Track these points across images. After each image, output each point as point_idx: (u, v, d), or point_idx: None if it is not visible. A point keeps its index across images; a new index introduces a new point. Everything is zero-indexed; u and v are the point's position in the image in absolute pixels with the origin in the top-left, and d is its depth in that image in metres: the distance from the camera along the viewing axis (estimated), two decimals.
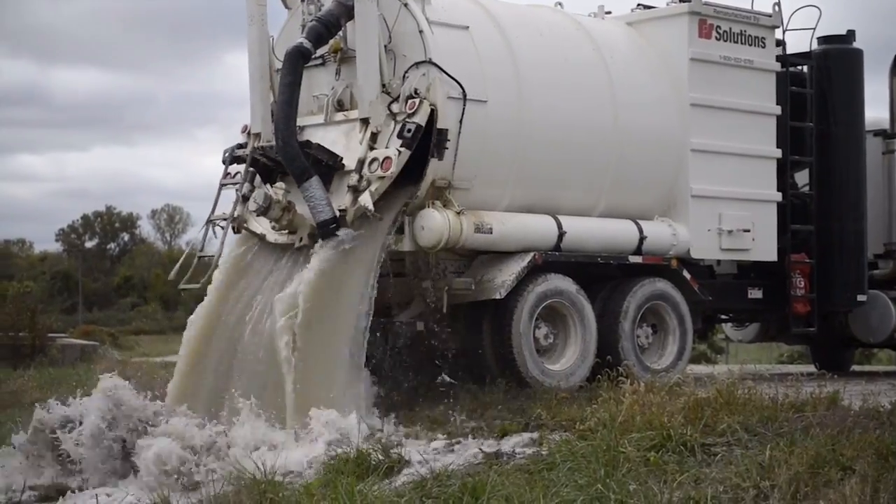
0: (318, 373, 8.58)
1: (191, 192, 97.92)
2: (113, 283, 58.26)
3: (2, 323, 23.95)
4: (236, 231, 9.59)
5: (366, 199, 8.77)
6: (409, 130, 8.87)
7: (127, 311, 51.00)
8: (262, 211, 9.00)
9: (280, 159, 9.14)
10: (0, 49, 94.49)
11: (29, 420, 11.13)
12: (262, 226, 9.37)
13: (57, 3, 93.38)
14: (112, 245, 69.01)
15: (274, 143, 9.13)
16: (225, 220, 9.56)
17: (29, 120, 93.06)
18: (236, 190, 9.60)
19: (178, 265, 9.63)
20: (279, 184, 9.18)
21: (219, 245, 9.60)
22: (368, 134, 8.99)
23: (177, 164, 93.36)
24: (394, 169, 8.78)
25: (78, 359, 21.81)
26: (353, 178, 8.90)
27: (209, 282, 9.39)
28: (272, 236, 9.32)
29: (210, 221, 9.68)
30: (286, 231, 9.16)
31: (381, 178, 8.80)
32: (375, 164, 8.87)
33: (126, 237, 69.24)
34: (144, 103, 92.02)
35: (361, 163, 8.93)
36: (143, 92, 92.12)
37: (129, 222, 69.03)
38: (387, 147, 8.92)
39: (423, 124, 8.92)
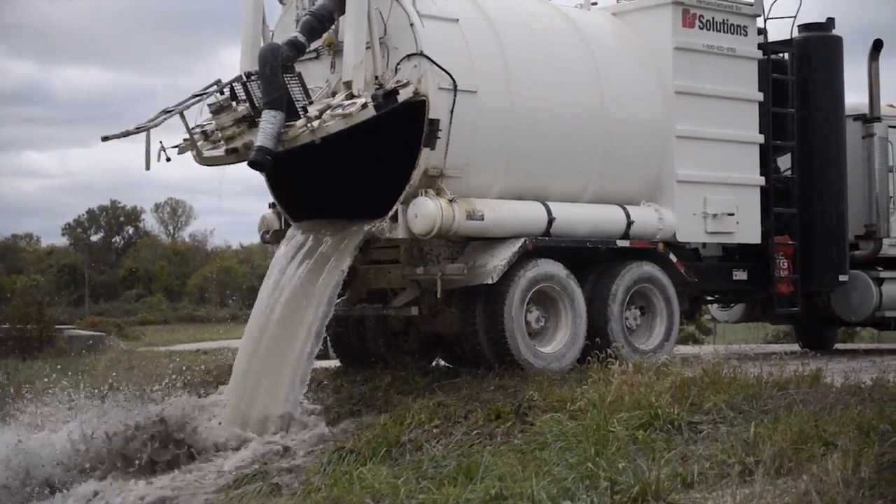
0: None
1: (193, 186, 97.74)
2: (118, 276, 58.24)
3: (10, 315, 23.94)
4: (181, 151, 9.23)
5: (314, 124, 8.60)
6: (384, 90, 8.77)
7: (132, 303, 51.02)
8: (217, 109, 8.90)
9: (261, 89, 8.81)
10: (3, 49, 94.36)
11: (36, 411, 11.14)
12: (200, 146, 9.13)
13: (57, 3, 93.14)
14: (117, 238, 68.95)
15: (259, 70, 8.84)
16: (168, 112, 9.08)
17: (33, 117, 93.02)
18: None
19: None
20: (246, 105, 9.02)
21: (150, 118, 9.10)
22: (347, 94, 8.87)
23: (178, 158, 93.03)
24: (353, 111, 8.59)
25: (85, 349, 21.79)
26: (313, 113, 8.75)
27: (129, 134, 9.08)
28: (208, 151, 9.12)
29: (168, 111, 9.13)
30: (222, 145, 8.97)
31: (341, 116, 8.63)
32: (339, 108, 8.72)
33: (130, 230, 69.20)
34: (145, 99, 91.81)
35: (328, 106, 8.83)
36: (143, 88, 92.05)
37: (134, 216, 68.96)
38: None
39: (401, 98, 8.78)
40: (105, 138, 9.23)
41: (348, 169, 10.21)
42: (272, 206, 10.38)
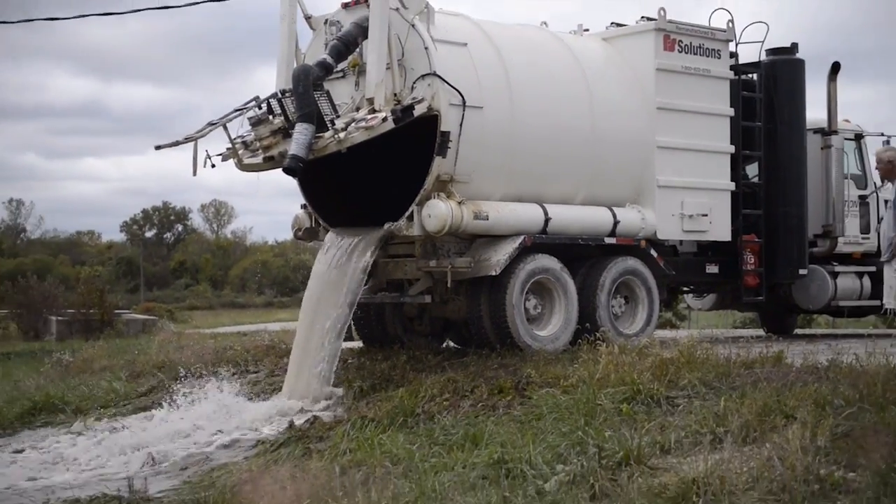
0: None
1: (234, 189, 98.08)
2: (169, 267, 58.43)
3: (76, 302, 24.11)
4: (224, 159, 9.14)
5: (341, 135, 8.59)
6: (401, 105, 8.77)
7: (181, 290, 51.20)
8: (255, 122, 8.90)
9: (294, 105, 8.78)
10: (68, 69, 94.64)
11: (98, 383, 11.20)
12: (240, 154, 9.04)
13: (115, 29, 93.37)
14: (168, 234, 69.14)
15: (293, 88, 8.80)
16: (213, 124, 8.98)
17: (94, 129, 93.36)
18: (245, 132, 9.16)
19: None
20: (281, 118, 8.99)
21: (197, 130, 9.03)
22: (370, 108, 8.86)
23: (222, 164, 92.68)
24: (374, 124, 8.58)
25: (140, 331, 21.90)
26: (340, 125, 8.74)
27: (179, 143, 8.96)
28: (248, 159, 9.06)
29: (212, 123, 9.05)
30: (260, 153, 8.95)
31: (364, 128, 8.61)
32: (362, 122, 8.71)
33: (180, 228, 69.38)
34: (190, 113, 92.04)
35: (352, 119, 8.83)
36: (189, 103, 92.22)
37: (182, 215, 69.17)
38: None
39: (417, 112, 8.77)
40: (158, 147, 9.24)
41: (370, 175, 10.23)
42: (303, 206, 10.40)
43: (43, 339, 22.30)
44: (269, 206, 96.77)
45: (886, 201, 9.45)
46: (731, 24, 11.42)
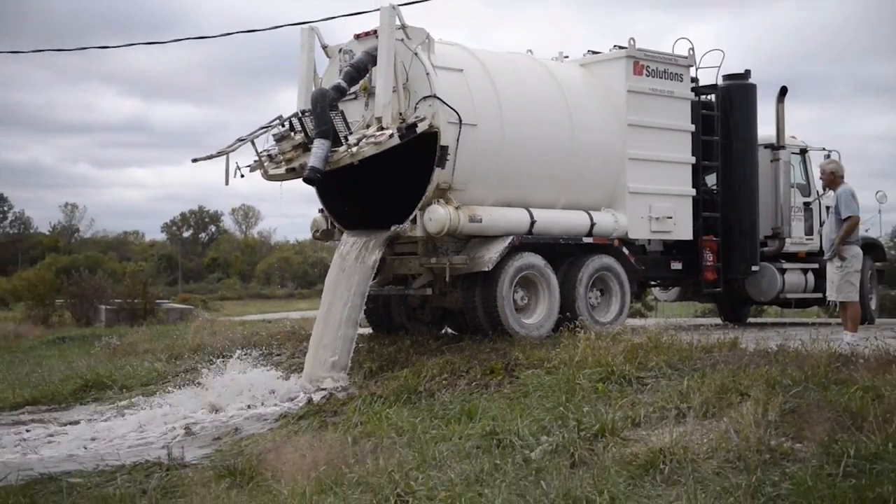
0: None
1: (260, 195, 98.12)
2: (203, 263, 58.32)
3: (122, 292, 24.08)
4: (252, 170, 9.11)
5: (353, 150, 8.58)
6: (406, 123, 8.75)
7: (214, 283, 51.14)
8: (279, 138, 8.87)
9: (313, 123, 8.77)
10: (116, 90, 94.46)
11: (141, 363, 11.17)
12: (266, 165, 9.00)
13: (157, 56, 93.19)
14: (203, 234, 69.03)
15: (311, 108, 8.81)
16: (242, 140, 8.97)
17: (138, 143, 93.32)
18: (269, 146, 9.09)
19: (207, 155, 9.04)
20: (301, 135, 8.95)
21: (229, 145, 9.04)
22: (378, 126, 8.84)
23: (249, 175, 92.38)
24: (382, 140, 8.57)
25: (178, 318, 21.87)
26: (352, 140, 8.74)
27: (213, 157, 8.85)
28: (272, 170, 9.03)
29: (242, 139, 9.06)
30: (283, 165, 8.91)
31: (373, 143, 8.60)
32: (372, 138, 8.70)
33: (213, 229, 69.25)
34: (222, 129, 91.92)
35: (363, 136, 8.83)
36: (220, 121, 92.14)
37: (215, 218, 69.04)
38: None
39: (419, 129, 8.76)
40: (194, 160, 9.24)
41: (378, 183, 10.21)
42: (321, 211, 10.38)
43: (93, 325, 22.27)
44: (291, 211, 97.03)
45: (828, 207, 9.46)
46: (691, 52, 11.41)
